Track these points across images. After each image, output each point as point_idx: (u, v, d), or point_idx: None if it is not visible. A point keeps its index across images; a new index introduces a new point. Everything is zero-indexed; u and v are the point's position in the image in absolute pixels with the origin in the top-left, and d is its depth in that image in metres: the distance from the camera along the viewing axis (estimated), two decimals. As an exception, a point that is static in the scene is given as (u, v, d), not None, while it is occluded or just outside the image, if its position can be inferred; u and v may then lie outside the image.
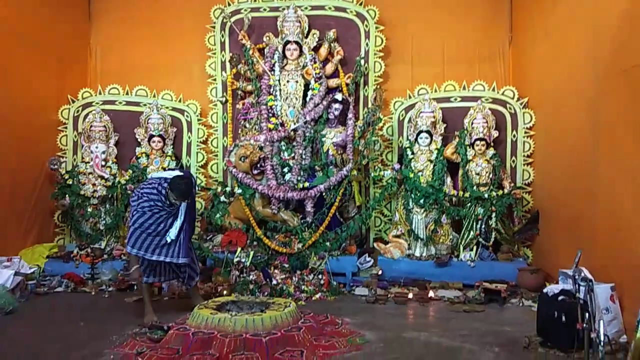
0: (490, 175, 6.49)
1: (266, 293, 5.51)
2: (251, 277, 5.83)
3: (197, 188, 5.90)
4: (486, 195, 6.38)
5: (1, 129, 5.97)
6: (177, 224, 4.81)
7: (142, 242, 4.72)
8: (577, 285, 3.63)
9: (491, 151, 6.59)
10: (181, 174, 4.91)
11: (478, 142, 6.52)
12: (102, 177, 6.83)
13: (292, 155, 6.71)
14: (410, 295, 5.62)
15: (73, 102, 7.26)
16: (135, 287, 5.88)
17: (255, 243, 6.42)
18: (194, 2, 7.51)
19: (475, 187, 6.46)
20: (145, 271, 4.88)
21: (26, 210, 6.57)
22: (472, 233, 6.43)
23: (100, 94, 7.34)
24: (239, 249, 6.23)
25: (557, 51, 5.83)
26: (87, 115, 7.15)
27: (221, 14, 7.21)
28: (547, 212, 6.17)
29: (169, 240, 4.79)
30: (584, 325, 3.38)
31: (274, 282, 5.79)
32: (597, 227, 4.71)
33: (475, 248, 6.38)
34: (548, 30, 6.06)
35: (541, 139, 6.54)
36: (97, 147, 6.90)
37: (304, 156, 6.68)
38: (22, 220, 6.51)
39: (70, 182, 6.78)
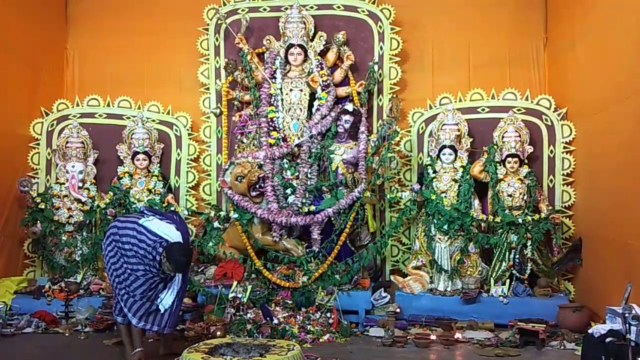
0: (525, 197, 6.48)
1: (266, 334, 5.50)
2: (249, 315, 5.82)
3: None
4: (520, 220, 6.36)
5: (-35, 145, 6.04)
6: (173, 289, 4.74)
7: (137, 309, 4.64)
8: (627, 325, 3.61)
9: (525, 169, 6.59)
10: (179, 239, 4.71)
11: (510, 159, 6.52)
12: (78, 201, 6.87)
13: (296, 174, 6.74)
14: (433, 337, 5.58)
15: (47, 115, 7.35)
16: (115, 328, 5.87)
17: (253, 276, 6.43)
18: (185, 2, 7.63)
19: (507, 211, 6.44)
20: (121, 312, 4.83)
21: (-8, 239, 6.62)
22: (504, 264, 6.40)
23: (77, 105, 7.43)
24: (235, 283, 6.22)
25: (599, 54, 5.85)
26: (62, 129, 7.22)
27: (215, 14, 7.30)
28: (591, 239, 6.14)
29: (161, 309, 4.73)
30: (637, 371, 3.35)
31: (275, 321, 5.77)
32: (649, 257, 4.67)
33: (508, 282, 6.35)
34: (588, 31, 6.10)
35: (583, 155, 6.54)
36: (73, 166, 6.94)
37: (309, 175, 6.70)
38: (-13, 251, 6.56)
39: (43, 207, 6.81)
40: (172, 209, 6.95)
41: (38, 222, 6.79)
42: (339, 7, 7.24)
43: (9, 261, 6.85)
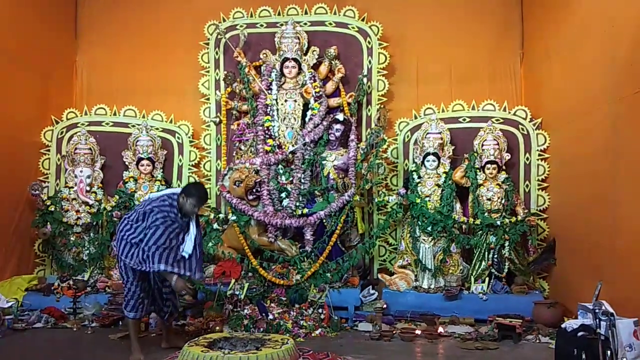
0: (503, 201, 6.49)
1: (262, 329, 5.47)
2: (245, 311, 5.78)
3: None
4: (498, 222, 6.37)
5: (-21, 152, 6.00)
6: (191, 236, 4.80)
7: (166, 258, 4.62)
8: (597, 320, 3.62)
9: (503, 175, 6.60)
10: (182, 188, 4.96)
11: (489, 166, 6.53)
12: (86, 204, 6.83)
13: (290, 179, 6.72)
14: (418, 331, 5.57)
15: (57, 123, 7.30)
16: (121, 323, 5.84)
17: (250, 274, 6.39)
18: (187, 18, 7.60)
19: (486, 214, 6.45)
20: (134, 307, 4.84)
21: (4, 239, 6.56)
22: (484, 263, 6.41)
23: (85, 114, 7.38)
24: (233, 281, 6.19)
25: (571, 68, 5.88)
26: (71, 137, 7.18)
27: (215, 30, 7.29)
28: (564, 240, 6.16)
29: (186, 255, 4.75)
30: (606, 363, 3.35)
31: (271, 316, 5.74)
32: (618, 257, 4.69)
33: (487, 280, 6.35)
34: (561, 46, 6.13)
35: (556, 162, 6.56)
36: (81, 171, 6.91)
37: (303, 180, 6.69)
38: (0, 250, 6.48)
39: (53, 209, 6.77)
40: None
41: (48, 223, 6.74)
42: (330, 24, 7.25)
43: (20, 260, 6.81)
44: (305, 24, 7.19)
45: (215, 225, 6.75)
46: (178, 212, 4.73)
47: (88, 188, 6.89)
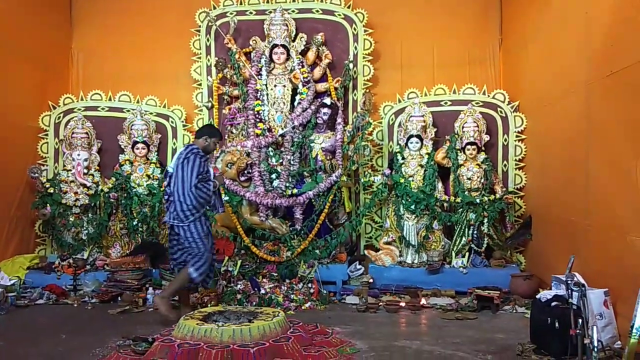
0: (482, 180, 6.53)
1: (254, 303, 5.50)
2: (239, 286, 5.82)
3: None
4: (478, 201, 6.42)
5: (-21, 136, 5.92)
6: (210, 175, 5.16)
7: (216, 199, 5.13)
8: (570, 291, 3.67)
9: (482, 155, 6.63)
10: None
11: (469, 147, 6.56)
12: (84, 186, 6.78)
13: (280, 161, 6.72)
14: (402, 304, 5.64)
15: (54, 108, 7.22)
16: (120, 299, 5.85)
17: (242, 252, 6.41)
18: (178, 6, 7.50)
19: (466, 192, 6.49)
20: (205, 272, 5.08)
21: (6, 220, 6.51)
22: (464, 239, 6.46)
23: (82, 100, 7.30)
24: (226, 258, 6.21)
25: (547, 53, 5.89)
26: (68, 121, 7.10)
27: (206, 17, 7.21)
28: (539, 217, 6.22)
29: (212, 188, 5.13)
30: (577, 331, 3.41)
31: (262, 291, 5.78)
32: (590, 232, 4.75)
33: (467, 254, 6.41)
34: (538, 32, 6.13)
35: (533, 143, 6.60)
36: (79, 155, 6.85)
37: (292, 162, 6.69)
38: (2, 231, 6.45)
39: (52, 191, 6.72)
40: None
41: (47, 205, 6.69)
42: (317, 11, 7.19)
43: (22, 240, 6.77)
44: (293, 11, 7.13)
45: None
46: (204, 155, 5.08)
47: (85, 171, 6.84)
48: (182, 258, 5.10)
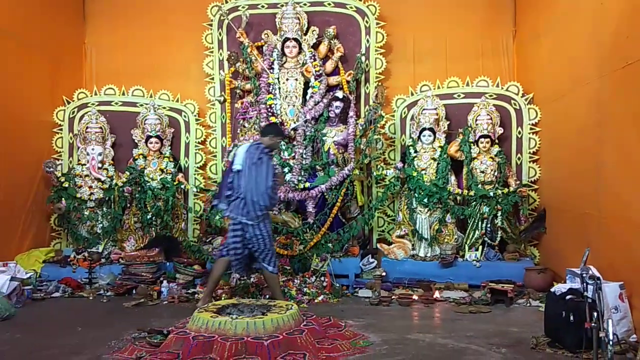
0: (496, 173, 6.50)
1: (267, 296, 5.52)
2: (252, 280, 5.83)
3: None
4: (491, 194, 6.39)
5: (-5, 131, 5.99)
6: None
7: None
8: (585, 284, 3.65)
9: (496, 148, 6.60)
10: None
11: (482, 139, 6.52)
12: (98, 180, 6.85)
13: (293, 155, 6.72)
14: (415, 297, 5.63)
15: (68, 103, 7.28)
16: (134, 292, 5.90)
17: (255, 245, 6.42)
18: (190, 0, 7.51)
19: (480, 185, 6.47)
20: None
21: (22, 214, 6.58)
22: (477, 232, 6.44)
23: (95, 94, 7.36)
24: (239, 252, 6.22)
25: (561, 45, 5.84)
26: (82, 116, 7.16)
27: (218, 11, 7.22)
28: (554, 210, 6.18)
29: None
30: (593, 324, 3.39)
31: (275, 285, 5.78)
32: (605, 225, 4.71)
33: (480, 248, 6.39)
34: (552, 23, 6.08)
35: (547, 136, 6.55)
36: (93, 149, 6.91)
37: (304, 156, 6.69)
38: (18, 225, 6.52)
39: (67, 185, 6.79)
40: (182, 186, 6.97)
41: (63, 199, 6.77)
42: (329, 4, 7.18)
43: (37, 234, 6.84)
44: (305, 4, 7.12)
45: (221, 199, 6.75)
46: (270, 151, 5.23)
47: (100, 165, 6.90)
48: (245, 253, 5.13)
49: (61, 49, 7.33)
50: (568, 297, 4.06)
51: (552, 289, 4.42)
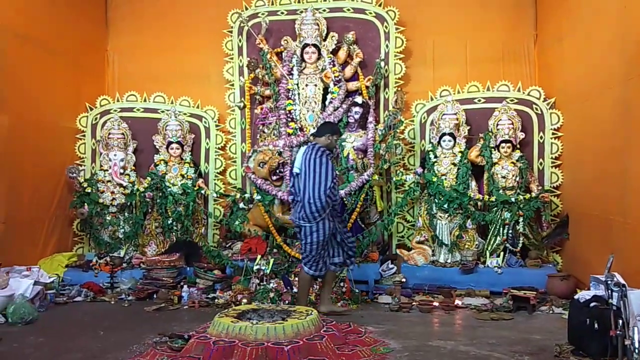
0: (517, 179, 6.44)
1: (287, 301, 5.52)
2: (271, 285, 5.85)
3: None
4: (513, 199, 6.33)
5: (19, 137, 6.10)
6: None
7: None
8: (609, 291, 3.60)
9: (517, 153, 6.54)
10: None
11: (504, 144, 6.47)
12: (120, 185, 6.93)
13: (312, 160, 6.72)
14: (436, 303, 5.59)
15: (91, 109, 7.39)
16: (155, 296, 5.95)
17: (275, 250, 6.45)
18: (211, 7, 7.60)
19: (501, 191, 6.41)
20: (319, 267, 5.13)
21: (45, 219, 6.69)
22: (498, 239, 6.38)
23: (118, 101, 7.46)
24: (259, 257, 6.24)
25: (583, 49, 5.78)
26: (105, 122, 7.27)
27: (238, 18, 7.28)
28: (577, 216, 6.10)
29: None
30: (618, 332, 3.35)
31: (295, 290, 5.79)
32: (629, 231, 4.64)
33: (502, 254, 6.33)
34: (574, 27, 6.02)
35: (569, 141, 6.48)
36: (115, 155, 7.01)
37: (324, 161, 6.69)
38: (42, 230, 6.63)
39: (89, 191, 6.89)
40: (202, 192, 7.01)
41: (85, 204, 6.87)
42: (348, 10, 7.19)
43: (60, 239, 6.94)
44: (324, 10, 7.15)
45: (241, 205, 6.80)
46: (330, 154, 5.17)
47: (122, 171, 6.99)
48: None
49: (84, 56, 7.46)
50: (592, 304, 4.00)
51: (576, 296, 4.36)
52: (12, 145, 5.97)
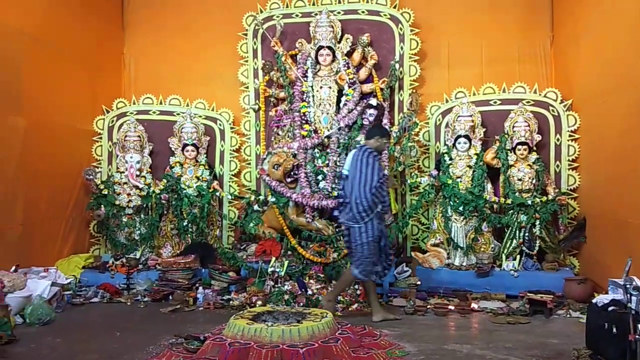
0: (533, 181, 6.39)
1: (301, 303, 5.53)
2: (286, 287, 5.86)
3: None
4: (529, 202, 6.28)
5: (37, 140, 6.17)
6: None
7: None
8: (628, 295, 3.56)
9: (534, 156, 6.49)
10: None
11: (520, 147, 6.43)
12: (136, 187, 6.99)
13: (326, 162, 6.74)
14: (451, 307, 5.56)
15: (108, 112, 7.46)
16: (171, 297, 5.99)
17: (289, 252, 6.45)
18: (226, 10, 7.64)
19: (517, 194, 6.37)
20: (371, 271, 5.14)
21: (62, 221, 6.76)
22: (515, 241, 6.34)
23: (134, 103, 7.53)
24: (273, 259, 6.26)
25: (601, 50, 5.72)
26: (121, 125, 7.33)
27: (253, 21, 7.32)
28: (594, 218, 6.04)
29: None
30: (637, 336, 3.31)
31: (309, 292, 5.81)
32: (649, 234, 4.59)
33: (518, 257, 6.28)
34: (591, 27, 5.97)
35: (586, 143, 6.42)
36: (131, 157, 7.06)
37: (338, 163, 6.70)
38: (59, 231, 6.71)
39: (106, 192, 6.95)
40: (217, 194, 7.05)
41: (102, 206, 6.93)
42: (363, 12, 7.19)
43: (77, 240, 7.01)
44: (339, 12, 7.15)
45: (255, 207, 6.82)
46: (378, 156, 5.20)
47: (138, 173, 7.04)
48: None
49: (101, 59, 7.54)
50: (611, 308, 3.95)
51: (594, 300, 4.30)
52: (30, 148, 6.04)
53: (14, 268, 5.47)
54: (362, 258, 5.09)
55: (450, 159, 6.63)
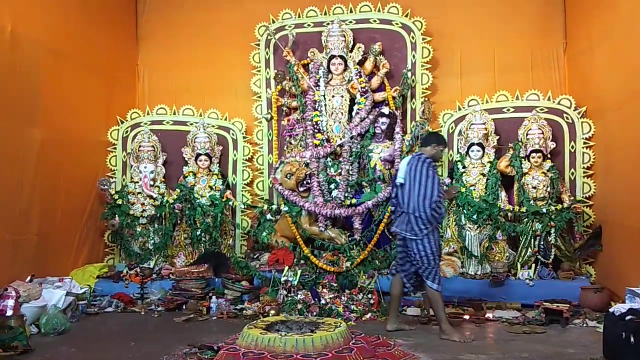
0: (548, 189, 6.34)
1: (315, 313, 5.52)
2: (299, 296, 5.85)
3: None
4: (544, 210, 6.23)
5: (52, 150, 6.23)
6: None
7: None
8: (646, 304, 3.50)
9: (548, 163, 6.44)
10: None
11: (534, 154, 6.38)
12: (150, 197, 7.03)
13: (339, 171, 6.74)
14: (466, 316, 5.51)
15: (122, 122, 7.53)
16: (184, 307, 6.00)
17: (302, 262, 6.45)
18: (239, 20, 7.69)
19: (532, 202, 6.31)
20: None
21: (77, 231, 6.81)
22: (530, 250, 6.28)
23: (148, 114, 7.59)
24: (286, 268, 6.26)
25: (615, 57, 5.68)
26: (135, 135, 7.39)
27: (265, 31, 7.36)
28: (610, 226, 5.97)
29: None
30: (656, 347, 3.25)
31: (323, 301, 5.79)
32: (666, 242, 4.53)
33: (533, 266, 6.22)
34: (605, 34, 5.93)
35: (601, 150, 6.36)
36: (145, 167, 7.11)
37: (350, 172, 6.70)
38: (73, 241, 6.75)
39: (120, 202, 6.99)
40: (230, 203, 7.07)
41: (116, 216, 6.97)
42: (375, 21, 7.20)
43: (92, 250, 7.05)
44: (351, 22, 7.17)
45: (268, 216, 6.83)
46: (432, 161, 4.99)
47: (152, 182, 7.08)
48: (411, 270, 5.05)
49: (115, 70, 7.62)
50: (628, 317, 3.90)
51: (611, 309, 4.25)
52: (45, 159, 6.10)
53: (29, 278, 5.51)
54: (429, 268, 4.92)
55: (464, 167, 6.60)
